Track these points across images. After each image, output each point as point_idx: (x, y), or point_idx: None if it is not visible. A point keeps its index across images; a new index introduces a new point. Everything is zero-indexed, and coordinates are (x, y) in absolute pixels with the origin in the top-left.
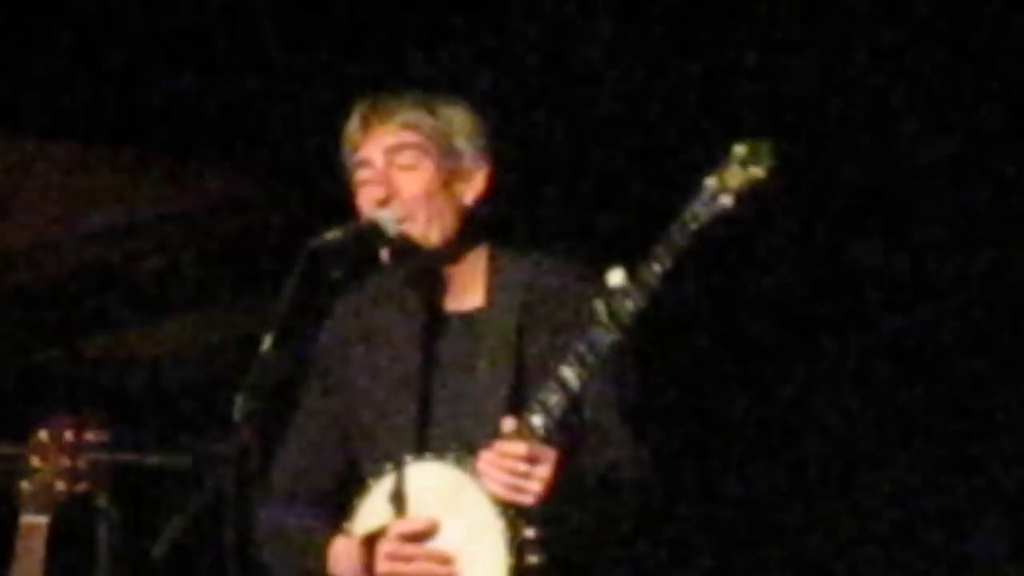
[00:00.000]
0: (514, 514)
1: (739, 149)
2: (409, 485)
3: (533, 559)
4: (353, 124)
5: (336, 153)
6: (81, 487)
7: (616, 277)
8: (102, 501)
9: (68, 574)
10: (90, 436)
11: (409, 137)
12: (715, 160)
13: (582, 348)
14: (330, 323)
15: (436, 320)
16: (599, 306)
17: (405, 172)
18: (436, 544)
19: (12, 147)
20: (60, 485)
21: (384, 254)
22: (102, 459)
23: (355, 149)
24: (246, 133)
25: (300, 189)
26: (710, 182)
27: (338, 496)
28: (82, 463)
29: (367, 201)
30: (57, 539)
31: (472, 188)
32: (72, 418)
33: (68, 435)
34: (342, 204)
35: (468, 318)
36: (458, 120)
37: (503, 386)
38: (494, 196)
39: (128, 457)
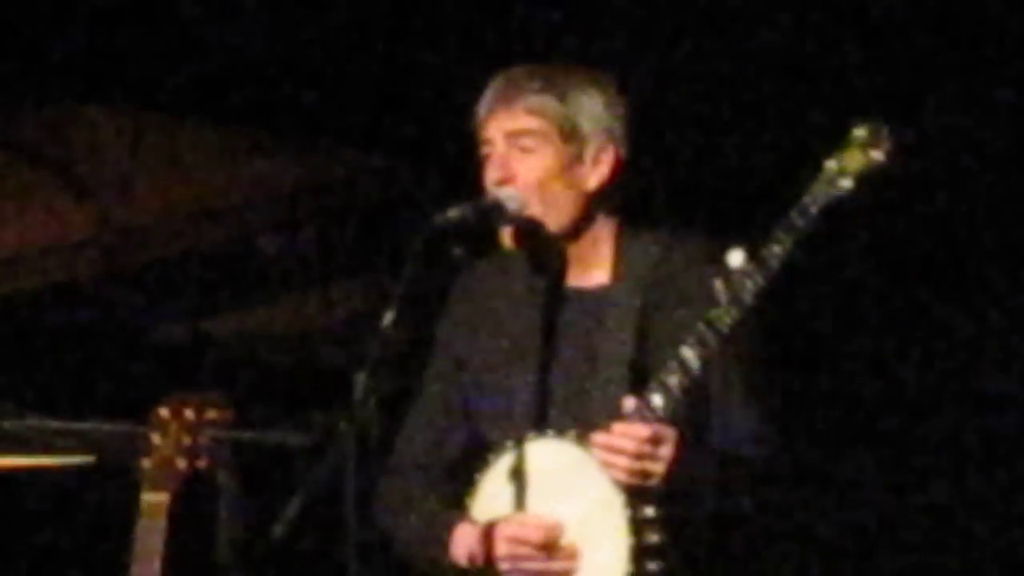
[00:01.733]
0: (634, 493)
1: (859, 132)
2: (529, 462)
3: (654, 538)
4: (483, 101)
5: (457, 129)
6: (202, 465)
7: (736, 258)
8: (223, 479)
9: (189, 552)
10: (211, 414)
11: (531, 123)
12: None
13: (703, 328)
14: (453, 298)
15: (558, 297)
16: (719, 286)
17: (523, 156)
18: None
19: (136, 124)
20: (181, 463)
21: (506, 237)
22: (223, 437)
23: (482, 127)
24: (366, 110)
25: (422, 166)
26: (830, 165)
27: (463, 469)
28: (203, 441)
29: (487, 180)
30: (178, 516)
31: (597, 173)
32: (193, 396)
33: (189, 413)
34: (465, 181)
35: (592, 295)
36: (588, 104)
37: (625, 364)
38: (624, 177)
39: (249, 435)
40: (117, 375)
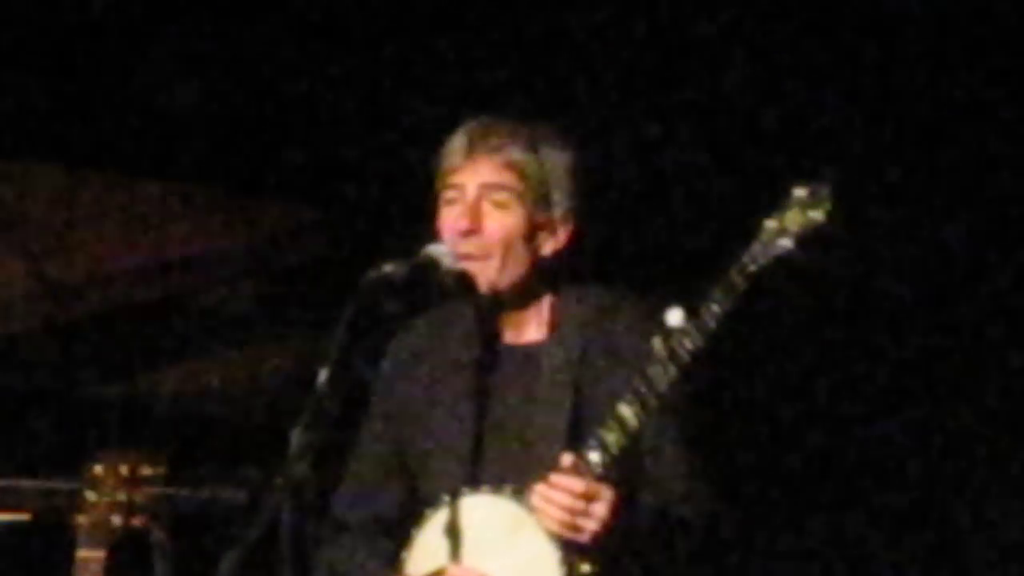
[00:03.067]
0: (571, 550)
1: (799, 192)
2: (465, 517)
3: None
4: (457, 144)
5: (395, 186)
6: (137, 521)
7: (675, 317)
8: (158, 535)
9: None
10: (146, 470)
11: (509, 178)
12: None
13: (641, 386)
14: (389, 351)
15: (494, 352)
16: (658, 344)
17: (495, 211)
18: None
19: (69, 181)
20: (116, 519)
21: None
22: (158, 493)
23: (453, 172)
24: (303, 166)
25: (356, 221)
26: (770, 224)
27: (400, 526)
28: (138, 497)
29: (449, 224)
30: (113, 573)
31: (554, 241)
32: (128, 452)
33: (124, 469)
34: (401, 235)
35: (528, 351)
36: (561, 169)
37: (561, 420)
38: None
39: (184, 491)
40: (51, 432)
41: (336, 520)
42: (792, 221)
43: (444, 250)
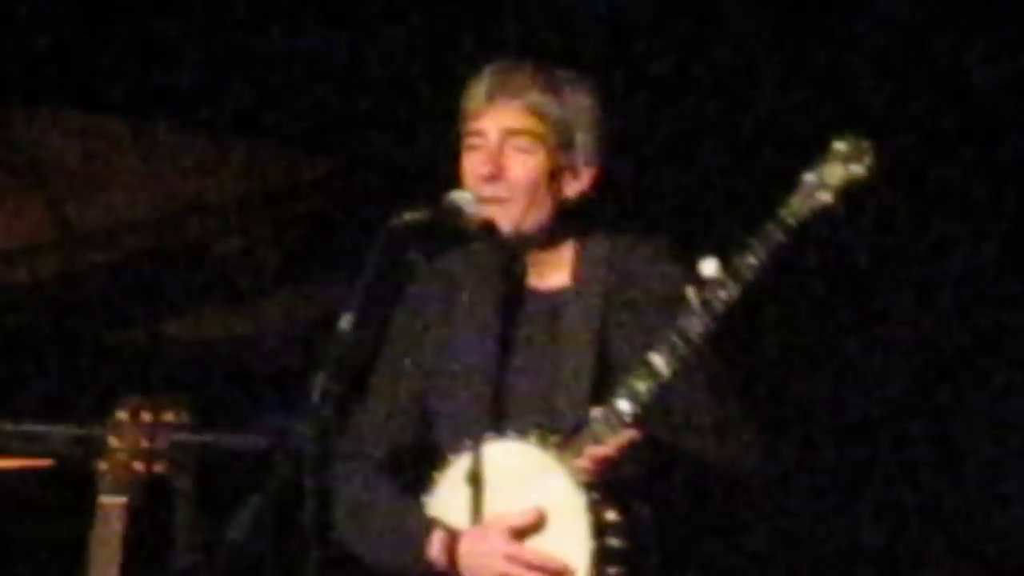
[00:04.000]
0: (597, 497)
1: (840, 146)
2: (490, 462)
3: (615, 542)
4: (478, 90)
5: (417, 135)
6: (159, 468)
7: (710, 267)
8: (180, 482)
9: (146, 554)
10: (168, 417)
11: (531, 123)
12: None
13: (673, 336)
14: (412, 292)
15: (518, 297)
16: (691, 294)
17: (518, 156)
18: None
19: (90, 128)
20: (138, 466)
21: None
22: (180, 440)
23: (475, 116)
24: (325, 114)
25: (379, 169)
26: (810, 178)
27: (418, 461)
28: (160, 444)
29: (472, 169)
30: (135, 519)
31: (578, 183)
32: (150, 399)
33: (146, 416)
34: (423, 183)
35: (552, 296)
36: (583, 111)
37: (585, 367)
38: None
39: (206, 438)
40: (74, 378)
41: (352, 454)
42: (832, 175)
43: (467, 196)
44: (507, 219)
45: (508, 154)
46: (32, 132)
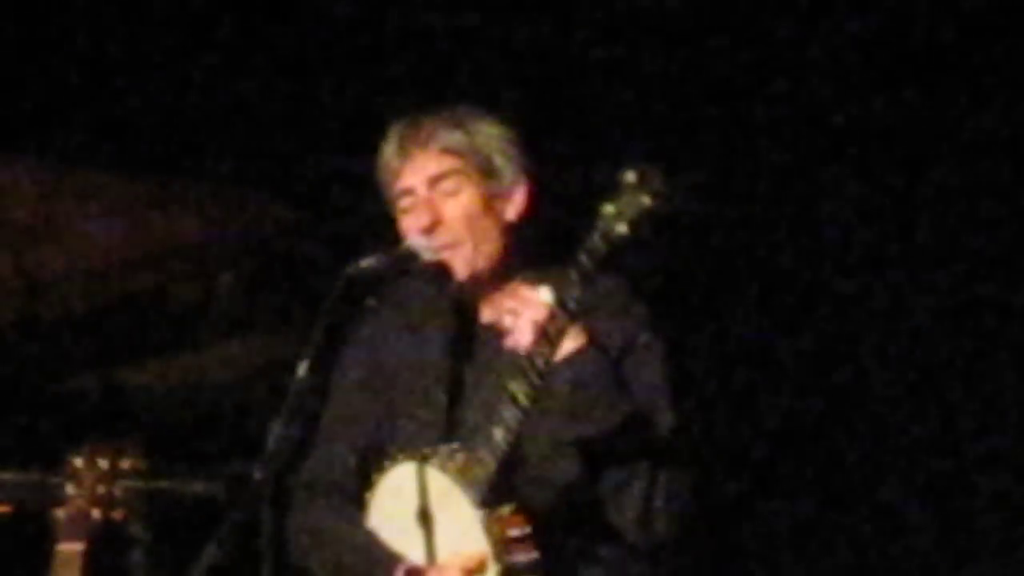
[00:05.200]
0: (498, 513)
1: (628, 176)
2: (393, 488)
3: (521, 557)
4: (391, 150)
5: (372, 180)
6: (116, 514)
7: (545, 295)
8: (136, 528)
9: None
10: (125, 463)
11: (450, 163)
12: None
13: (524, 364)
14: (363, 334)
15: (470, 337)
16: None
17: (448, 198)
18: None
19: (49, 176)
20: (95, 512)
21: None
22: (137, 486)
23: (396, 177)
24: (283, 159)
25: (336, 215)
26: (607, 208)
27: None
28: (117, 490)
29: (411, 228)
30: (92, 566)
31: (514, 204)
32: (107, 445)
33: (103, 462)
34: (379, 229)
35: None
36: (494, 137)
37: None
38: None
39: (163, 485)
40: (31, 424)
41: (306, 484)
42: (626, 205)
43: (423, 242)
44: (461, 262)
45: (439, 200)
46: None
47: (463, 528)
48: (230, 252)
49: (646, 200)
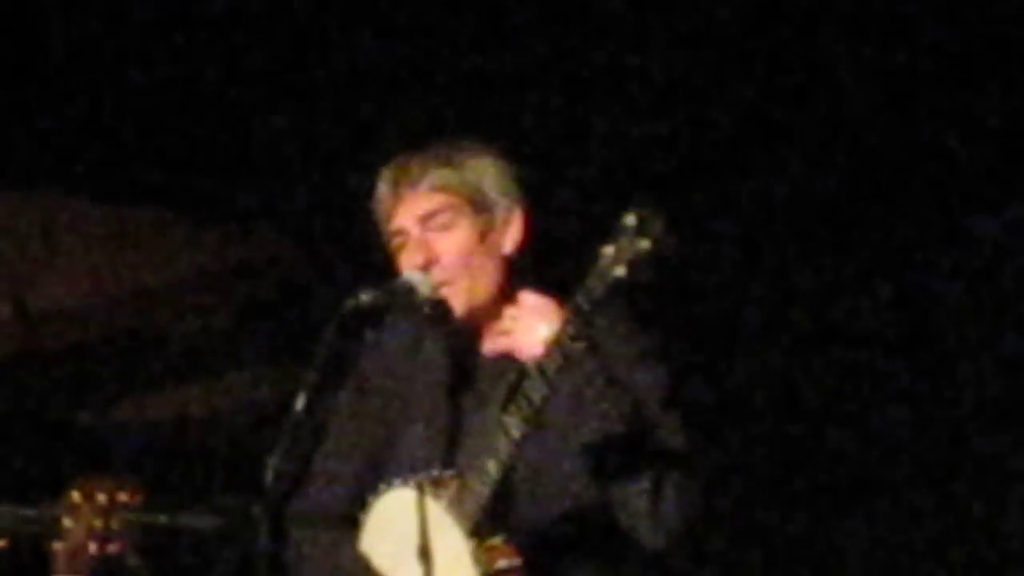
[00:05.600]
0: (487, 543)
1: (628, 220)
2: (383, 514)
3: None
4: (383, 191)
5: (369, 213)
6: (113, 548)
7: (544, 333)
8: (134, 562)
9: None
10: (123, 497)
11: (441, 200)
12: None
13: (521, 400)
14: (361, 369)
15: (469, 371)
16: (530, 363)
17: (441, 235)
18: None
19: (48, 210)
20: (92, 546)
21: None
22: (134, 520)
23: (388, 217)
24: (279, 194)
25: (332, 249)
26: (607, 251)
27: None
28: (114, 524)
29: (407, 267)
30: None
31: (510, 236)
32: (105, 479)
33: (101, 496)
34: (376, 263)
35: (503, 364)
36: (486, 171)
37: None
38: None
39: (160, 519)
40: (29, 459)
41: (301, 514)
42: (625, 248)
43: (419, 277)
44: (457, 299)
45: (432, 238)
46: None
47: (453, 556)
48: (227, 285)
49: (645, 244)
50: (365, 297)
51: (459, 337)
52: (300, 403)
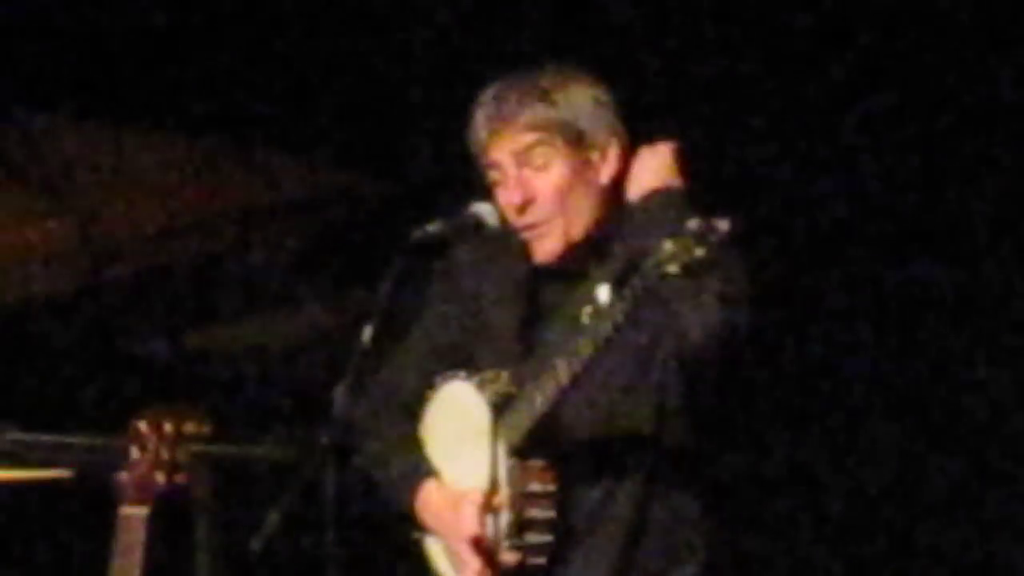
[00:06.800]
0: (526, 464)
1: (692, 225)
2: (445, 403)
3: (536, 513)
4: (478, 124)
5: (436, 146)
6: (180, 478)
7: (604, 293)
8: (201, 493)
9: (167, 566)
10: (190, 427)
11: (535, 137)
12: None
13: (572, 349)
14: (443, 269)
15: (540, 274)
16: (586, 317)
17: (538, 174)
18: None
19: (116, 139)
20: (159, 476)
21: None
22: (201, 451)
23: (483, 150)
24: (349, 125)
25: (401, 180)
26: (667, 246)
27: None
28: (181, 455)
29: (505, 203)
30: (156, 530)
31: (607, 167)
32: (171, 410)
33: (168, 426)
34: (445, 194)
35: (575, 276)
36: (579, 103)
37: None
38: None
39: (228, 449)
40: (96, 389)
41: (386, 400)
42: (684, 249)
43: (488, 208)
44: (555, 237)
45: (529, 175)
46: (54, 143)
47: (488, 466)
48: (295, 215)
49: (701, 252)
50: (431, 228)
51: (534, 272)
52: (367, 334)
